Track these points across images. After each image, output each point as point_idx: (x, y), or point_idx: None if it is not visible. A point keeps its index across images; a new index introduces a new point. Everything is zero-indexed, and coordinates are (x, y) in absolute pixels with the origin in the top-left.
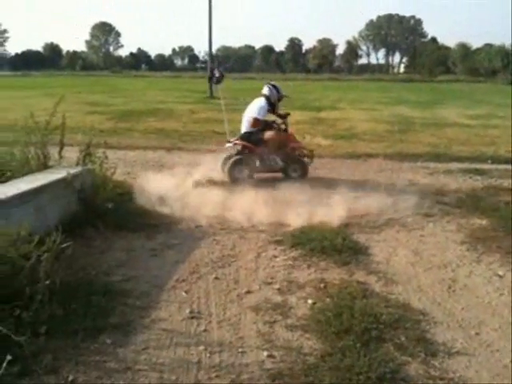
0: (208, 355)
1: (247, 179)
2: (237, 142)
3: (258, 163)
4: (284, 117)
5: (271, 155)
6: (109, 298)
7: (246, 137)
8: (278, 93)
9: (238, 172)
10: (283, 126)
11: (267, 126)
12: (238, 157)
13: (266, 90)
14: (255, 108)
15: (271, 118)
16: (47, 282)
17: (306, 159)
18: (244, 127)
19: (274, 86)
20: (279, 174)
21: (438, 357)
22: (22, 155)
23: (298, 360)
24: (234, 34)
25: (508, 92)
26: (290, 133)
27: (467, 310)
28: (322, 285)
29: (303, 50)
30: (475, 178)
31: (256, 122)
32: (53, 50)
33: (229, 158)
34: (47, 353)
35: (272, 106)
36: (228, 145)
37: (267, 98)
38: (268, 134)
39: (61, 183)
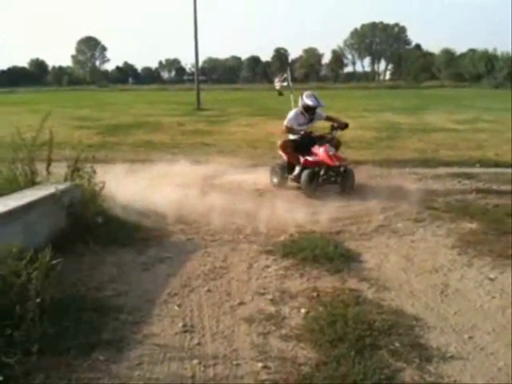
0: (202, 369)
1: (281, 185)
2: None
3: (283, 171)
4: (336, 127)
5: (292, 164)
6: (100, 313)
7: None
8: (302, 100)
9: (274, 177)
10: (329, 136)
11: (304, 134)
12: (277, 163)
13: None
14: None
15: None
16: (38, 300)
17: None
18: None
19: (301, 95)
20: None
21: (432, 362)
22: (9, 172)
23: (293, 370)
24: (221, 46)
25: (492, 96)
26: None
27: (460, 314)
28: (314, 293)
29: (289, 60)
30: (464, 183)
31: (285, 128)
32: (38, 65)
33: None
34: (39, 372)
35: (304, 114)
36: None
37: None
38: (279, 142)
39: (49, 199)
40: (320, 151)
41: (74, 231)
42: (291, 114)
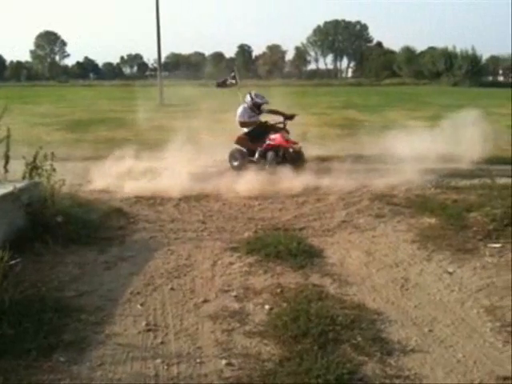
0: (165, 367)
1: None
2: None
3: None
4: (287, 117)
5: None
6: (61, 314)
7: None
8: (253, 99)
9: (234, 161)
10: (281, 125)
11: (259, 124)
12: (236, 149)
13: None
14: (237, 114)
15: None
16: None
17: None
18: None
19: (249, 94)
20: None
21: (393, 355)
22: None
23: (257, 366)
24: (184, 41)
25: (451, 93)
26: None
27: (420, 308)
28: (278, 290)
29: (253, 57)
30: (424, 178)
31: (240, 123)
32: None
33: None
34: None
35: (253, 109)
36: None
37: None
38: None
39: (7, 198)
40: (277, 137)
41: (33, 230)
42: (240, 109)
